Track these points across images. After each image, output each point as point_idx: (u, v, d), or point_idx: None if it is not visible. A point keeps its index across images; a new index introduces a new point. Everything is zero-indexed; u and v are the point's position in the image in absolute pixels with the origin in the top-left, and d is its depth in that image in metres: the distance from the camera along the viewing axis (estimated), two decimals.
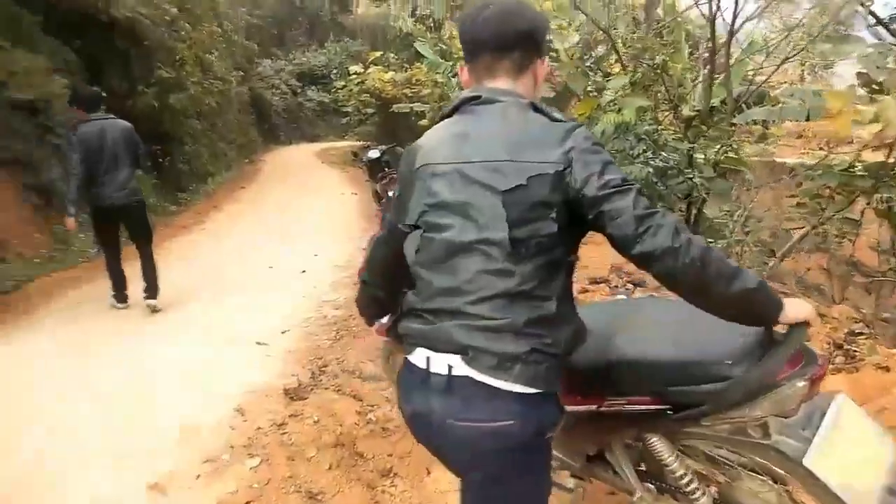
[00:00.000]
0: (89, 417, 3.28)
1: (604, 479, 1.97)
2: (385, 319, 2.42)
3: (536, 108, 1.41)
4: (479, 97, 1.44)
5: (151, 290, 5.15)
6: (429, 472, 2.75)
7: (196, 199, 11.96)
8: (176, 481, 2.63)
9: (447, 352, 1.33)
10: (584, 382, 1.70)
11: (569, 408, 1.69)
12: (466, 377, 1.31)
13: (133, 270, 5.24)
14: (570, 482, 2.00)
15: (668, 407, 1.62)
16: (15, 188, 7.62)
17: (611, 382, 1.68)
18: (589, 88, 8.46)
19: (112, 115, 5.20)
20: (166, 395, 3.54)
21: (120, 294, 5.26)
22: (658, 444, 1.75)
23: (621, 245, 1.29)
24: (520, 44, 1.44)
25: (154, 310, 5.09)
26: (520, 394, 1.29)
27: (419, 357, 1.38)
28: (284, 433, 3.01)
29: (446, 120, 1.50)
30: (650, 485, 1.89)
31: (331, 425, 3.08)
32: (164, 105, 11.12)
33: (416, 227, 1.43)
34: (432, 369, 1.35)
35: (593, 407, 1.74)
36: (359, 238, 8.05)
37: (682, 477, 1.74)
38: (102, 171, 4.79)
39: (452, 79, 12.83)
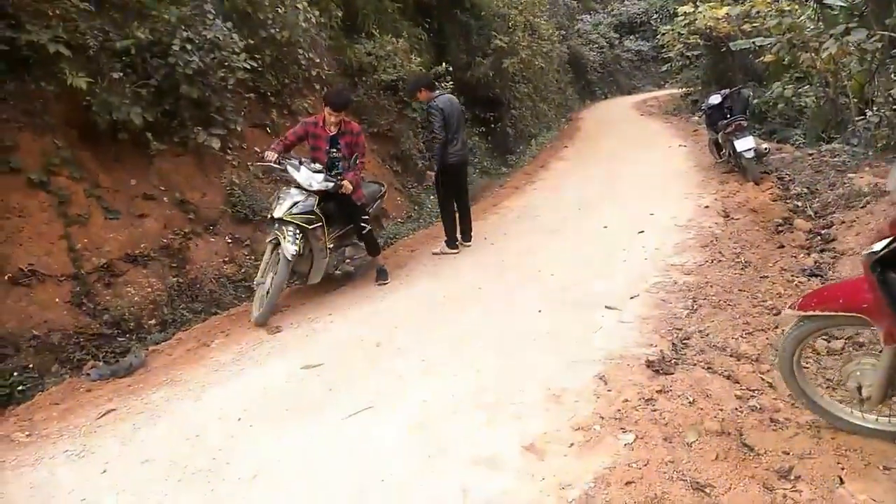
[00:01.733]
0: (457, 365, 3.57)
1: None
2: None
3: None
4: None
5: (467, 234, 6.31)
6: (842, 482, 2.24)
7: (523, 159, 12.49)
8: (550, 446, 2.63)
9: None
10: None
11: None
12: None
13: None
14: None
15: None
16: (382, 157, 8.96)
17: None
18: None
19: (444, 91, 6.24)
20: (524, 351, 3.66)
21: (453, 242, 6.17)
22: None
23: None
24: None
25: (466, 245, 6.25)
26: None
27: None
28: (655, 410, 2.79)
29: None
30: None
31: (709, 409, 2.74)
32: (498, 71, 11.75)
33: None
34: None
35: None
36: (697, 195, 7.32)
37: None
38: (453, 134, 5.84)
39: (805, 3, 10.67)
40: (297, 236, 4.57)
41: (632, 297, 4.28)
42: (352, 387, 3.44)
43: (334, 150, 4.97)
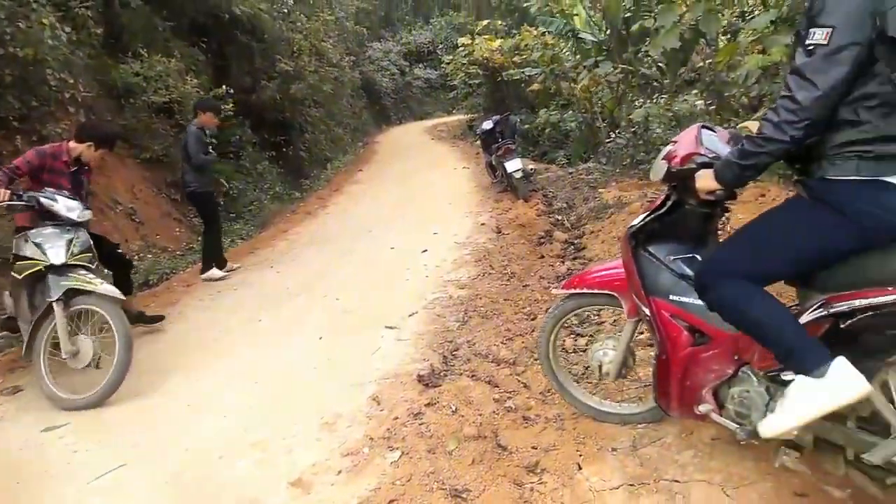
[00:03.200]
0: (228, 405, 3.37)
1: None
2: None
3: None
4: None
5: (203, 266, 6.14)
6: (580, 468, 2.50)
7: (318, 184, 12.39)
8: (318, 477, 2.58)
9: None
10: None
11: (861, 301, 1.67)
12: None
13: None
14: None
15: None
16: (156, 185, 8.24)
17: None
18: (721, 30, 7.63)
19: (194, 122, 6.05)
20: (301, 381, 3.57)
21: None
22: None
23: None
24: None
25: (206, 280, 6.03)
26: None
27: None
28: (422, 423, 2.89)
29: None
30: None
31: (470, 415, 2.91)
32: (285, 96, 11.54)
33: None
34: None
35: None
36: (476, 213, 7.87)
37: None
38: None
39: (564, 39, 12.21)
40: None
41: (410, 315, 4.43)
42: (103, 445, 3.06)
43: (75, 187, 4.20)
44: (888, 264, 1.67)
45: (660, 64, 9.53)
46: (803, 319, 1.84)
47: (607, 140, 10.51)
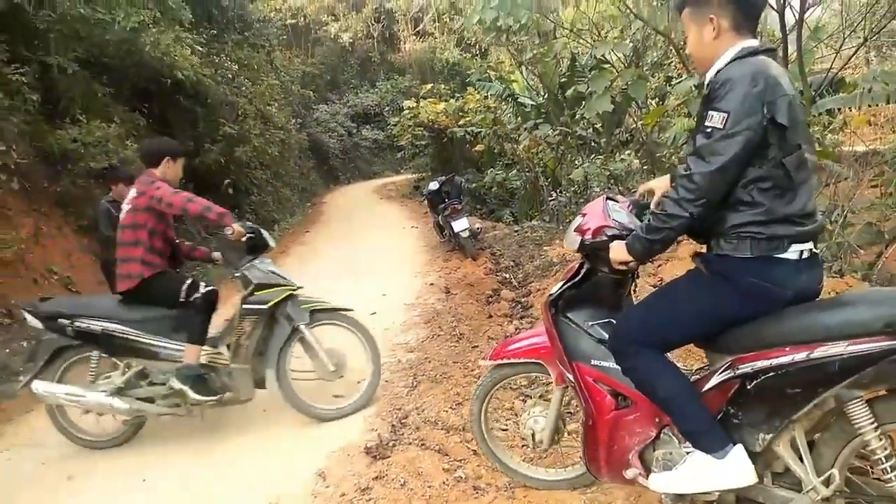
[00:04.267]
0: (167, 491, 3.19)
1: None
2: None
3: None
4: (773, 49, 1.94)
5: None
6: None
7: None
8: None
9: (812, 240, 1.83)
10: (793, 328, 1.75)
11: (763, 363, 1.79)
12: (815, 252, 1.87)
13: None
14: None
15: None
16: (94, 252, 7.93)
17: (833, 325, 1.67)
18: (650, 95, 8.13)
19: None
20: (244, 460, 3.41)
21: None
22: (860, 411, 1.67)
23: None
24: None
25: None
26: None
27: (793, 252, 1.80)
28: (370, 499, 2.79)
29: (762, 57, 1.81)
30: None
31: (419, 488, 2.83)
32: (230, 159, 11.47)
33: (799, 146, 1.80)
34: (805, 256, 1.81)
35: (802, 355, 1.69)
36: (424, 273, 7.88)
37: (886, 460, 1.67)
38: None
39: (505, 102, 12.73)
40: None
41: (358, 382, 4.32)
42: None
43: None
44: (782, 326, 1.78)
45: (595, 126, 10.02)
46: (713, 381, 1.92)
47: (550, 199, 10.86)
